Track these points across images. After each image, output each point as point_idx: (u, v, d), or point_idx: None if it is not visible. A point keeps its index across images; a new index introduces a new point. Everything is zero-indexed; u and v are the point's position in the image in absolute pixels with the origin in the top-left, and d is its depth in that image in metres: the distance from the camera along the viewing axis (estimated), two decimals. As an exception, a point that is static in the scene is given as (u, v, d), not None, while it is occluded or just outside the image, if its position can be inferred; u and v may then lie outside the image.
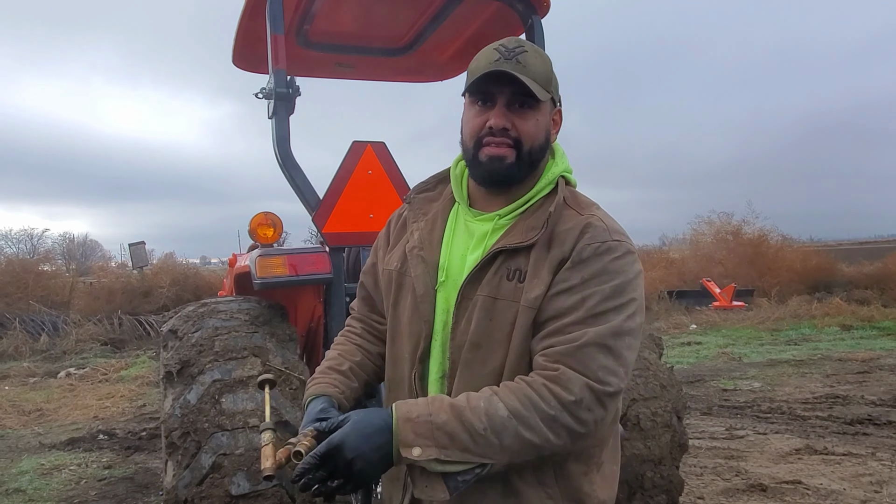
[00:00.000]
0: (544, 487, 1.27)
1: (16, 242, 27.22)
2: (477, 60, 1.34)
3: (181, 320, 2.70)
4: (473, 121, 1.34)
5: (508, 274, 1.29)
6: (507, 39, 1.35)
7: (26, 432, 6.37)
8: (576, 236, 1.28)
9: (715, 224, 17.99)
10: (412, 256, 1.40)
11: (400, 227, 1.52)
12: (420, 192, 1.52)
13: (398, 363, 1.43)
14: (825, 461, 4.68)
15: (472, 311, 1.30)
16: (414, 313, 1.38)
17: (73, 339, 11.57)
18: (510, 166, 1.32)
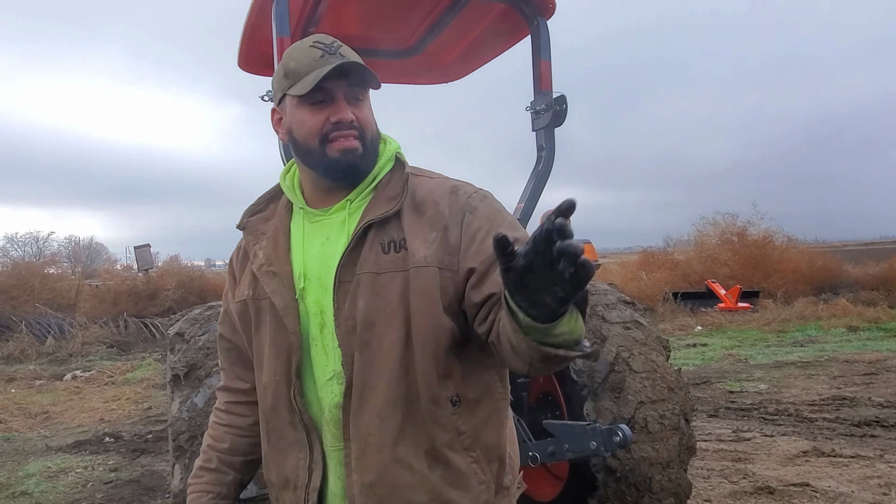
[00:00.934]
0: (469, 452, 1.30)
1: (22, 245, 27.32)
2: (295, 59, 1.33)
3: (188, 323, 2.70)
4: (312, 119, 1.32)
5: (384, 247, 1.29)
6: (318, 36, 1.35)
7: (33, 435, 6.39)
8: (447, 196, 1.33)
9: (720, 225, 17.94)
10: (262, 274, 1.37)
11: (242, 258, 1.47)
12: (252, 215, 1.48)
13: (268, 391, 1.37)
14: (833, 463, 4.66)
15: (357, 291, 1.28)
16: (278, 330, 1.34)
17: (79, 341, 11.62)
18: (362, 156, 1.33)
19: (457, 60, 4.03)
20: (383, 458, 1.26)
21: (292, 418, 1.34)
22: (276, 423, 1.37)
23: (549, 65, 3.13)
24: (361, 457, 1.27)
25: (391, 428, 1.26)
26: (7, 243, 26.16)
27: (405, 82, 4.30)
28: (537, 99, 3.17)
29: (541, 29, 3.12)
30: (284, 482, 1.36)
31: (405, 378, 1.26)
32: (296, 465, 1.34)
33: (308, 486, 1.32)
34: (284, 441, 1.36)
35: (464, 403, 1.30)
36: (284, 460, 1.36)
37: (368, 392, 1.26)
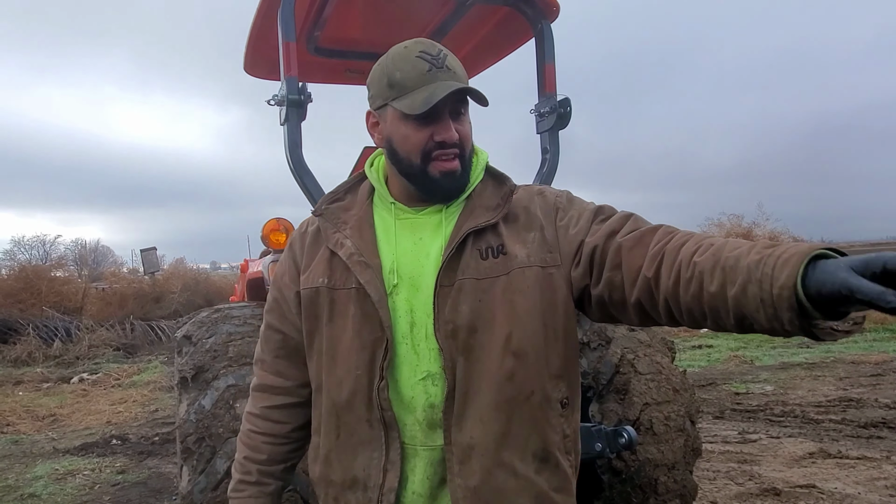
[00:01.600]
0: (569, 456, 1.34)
1: (28, 249, 27.43)
2: (400, 70, 1.28)
3: (195, 326, 2.72)
4: (416, 135, 1.29)
5: (482, 253, 1.29)
6: (421, 42, 1.31)
7: (40, 437, 6.43)
8: (535, 200, 1.37)
9: (725, 226, 17.90)
10: (353, 263, 1.31)
11: (310, 244, 1.42)
12: (331, 203, 1.44)
13: (344, 385, 1.32)
14: (839, 465, 4.64)
15: (458, 297, 1.27)
16: (365, 323, 1.30)
17: (86, 344, 11.67)
18: (460, 176, 1.33)
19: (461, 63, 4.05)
20: (487, 462, 1.25)
21: (369, 415, 1.30)
22: (348, 419, 1.32)
23: (553, 67, 3.14)
24: (466, 461, 1.26)
25: (494, 432, 1.25)
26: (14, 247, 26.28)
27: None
28: (541, 101, 3.18)
29: (544, 32, 3.13)
30: (352, 481, 1.32)
31: (510, 381, 1.26)
32: (367, 465, 1.30)
33: (382, 486, 1.28)
34: (356, 438, 1.32)
35: (570, 406, 1.32)
36: (354, 459, 1.32)
37: (472, 396, 1.26)
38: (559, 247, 1.30)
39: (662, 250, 1.15)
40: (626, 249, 1.20)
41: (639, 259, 1.18)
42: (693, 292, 1.07)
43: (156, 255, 18.59)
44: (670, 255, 1.13)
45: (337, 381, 1.33)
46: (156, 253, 18.60)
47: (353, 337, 1.30)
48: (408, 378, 1.30)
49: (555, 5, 3.11)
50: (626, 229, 1.24)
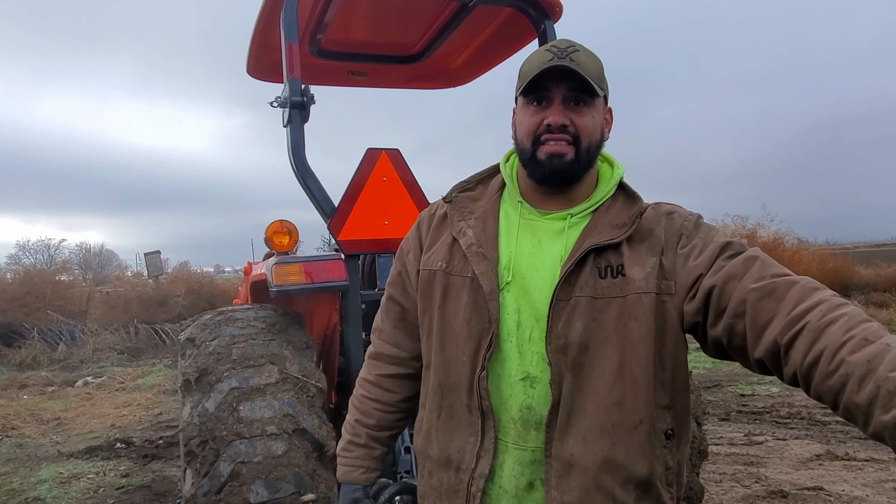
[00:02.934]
0: (671, 489, 1.30)
1: (33, 253, 27.60)
2: (529, 62, 1.34)
3: (198, 328, 2.70)
4: (529, 120, 1.33)
5: (601, 272, 1.28)
6: (559, 40, 1.35)
7: (45, 441, 6.43)
8: (662, 221, 1.32)
9: (729, 228, 17.84)
10: (471, 253, 1.36)
11: (436, 226, 1.48)
12: (462, 192, 1.49)
13: (451, 367, 1.37)
14: (847, 467, 4.61)
15: (573, 313, 1.27)
16: (475, 313, 1.34)
17: (91, 348, 11.68)
18: (571, 163, 1.31)
19: (463, 65, 4.04)
20: (586, 482, 1.25)
21: (469, 402, 1.34)
22: (450, 400, 1.37)
23: (557, 68, 3.13)
24: (565, 476, 1.27)
25: (596, 454, 1.25)
26: (19, 251, 26.44)
27: (412, 87, 4.32)
28: (545, 102, 3.17)
29: (548, 32, 3.12)
30: (447, 460, 1.37)
31: (619, 407, 1.25)
32: (462, 448, 1.35)
33: (474, 471, 1.32)
34: (455, 420, 1.36)
35: (675, 437, 1.29)
36: (451, 439, 1.37)
37: (577, 414, 1.26)
38: (675, 275, 1.27)
39: (804, 322, 1.07)
40: (753, 301, 1.15)
41: (767, 314, 1.12)
42: (832, 387, 1.01)
43: (160, 259, 18.61)
44: (812, 332, 1.05)
45: (444, 364, 1.38)
46: (160, 256, 18.63)
47: (462, 324, 1.35)
48: (508, 375, 1.33)
49: (557, 5, 3.11)
50: (753, 275, 1.18)
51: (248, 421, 2.34)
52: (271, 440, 2.31)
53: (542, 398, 1.30)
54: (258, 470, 2.27)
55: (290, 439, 2.35)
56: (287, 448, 2.32)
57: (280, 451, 2.30)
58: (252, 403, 2.38)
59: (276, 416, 2.38)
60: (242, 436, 2.30)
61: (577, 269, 1.29)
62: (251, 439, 2.31)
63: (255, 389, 2.43)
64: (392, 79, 4.19)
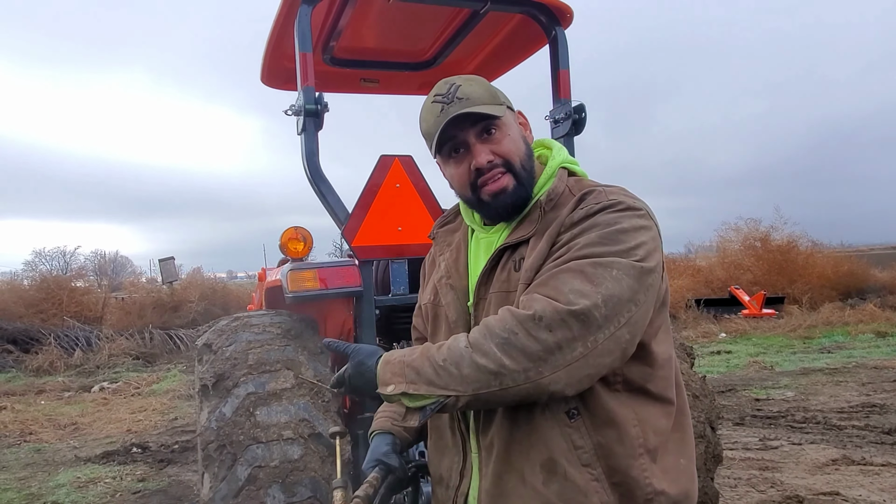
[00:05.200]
0: (589, 469, 1.23)
1: (49, 259, 27.89)
2: (425, 121, 1.37)
3: (215, 334, 2.74)
4: (457, 171, 1.37)
5: (515, 265, 1.32)
6: (439, 86, 1.37)
7: (62, 446, 6.50)
8: (571, 206, 1.30)
9: (742, 231, 17.73)
10: (441, 286, 1.46)
11: (430, 264, 1.59)
12: (442, 227, 1.58)
13: None
14: (863, 472, 4.57)
15: (489, 310, 1.32)
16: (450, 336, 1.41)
17: (106, 353, 11.79)
18: (515, 190, 1.34)
19: (475, 71, 4.06)
20: (500, 466, 1.30)
21: (452, 423, 1.41)
22: (437, 423, 1.46)
23: (568, 74, 3.14)
24: (486, 464, 1.33)
25: (505, 438, 1.29)
26: (36, 258, 26.71)
27: (424, 94, 4.34)
28: (556, 108, 3.19)
29: (558, 38, 3.13)
30: (439, 478, 1.46)
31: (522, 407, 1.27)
32: (450, 467, 1.42)
33: (458, 489, 1.39)
34: (443, 441, 1.45)
35: (584, 417, 1.25)
36: (442, 459, 1.45)
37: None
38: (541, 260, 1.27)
39: None
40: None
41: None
42: None
43: (174, 265, 18.76)
44: None
45: None
46: (174, 262, 18.77)
47: None
48: None
49: (569, 12, 3.12)
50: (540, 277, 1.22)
51: (265, 425, 2.37)
52: (287, 444, 2.33)
53: None
54: (275, 474, 2.29)
55: (306, 444, 2.37)
56: (303, 452, 2.35)
57: (296, 455, 2.33)
58: (268, 408, 2.41)
59: (292, 421, 2.40)
60: (259, 440, 2.33)
61: (493, 268, 1.35)
62: (268, 443, 2.33)
63: (271, 394, 2.46)
64: (404, 85, 4.23)
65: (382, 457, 1.41)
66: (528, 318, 1.12)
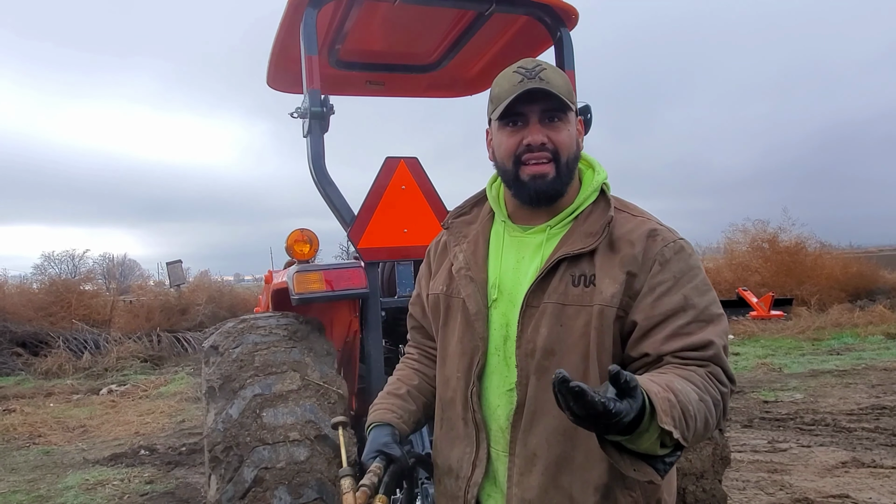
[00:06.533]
0: (630, 492, 1.30)
1: (58, 263, 28.07)
2: (499, 85, 1.38)
3: (222, 336, 2.74)
4: (508, 141, 1.38)
5: (574, 280, 1.33)
6: (525, 61, 1.38)
7: (71, 448, 6.53)
8: (644, 239, 1.33)
9: (750, 232, 17.65)
10: (460, 277, 1.44)
11: (440, 252, 1.58)
12: (457, 217, 1.57)
13: (449, 383, 1.46)
14: (873, 474, 4.54)
15: (541, 319, 1.33)
16: (466, 332, 1.42)
17: (114, 356, 11.83)
18: (553, 181, 1.36)
19: (480, 73, 4.07)
20: (545, 481, 1.31)
21: (465, 414, 1.42)
22: (450, 413, 1.47)
23: (573, 75, 3.14)
24: (525, 474, 1.33)
25: (557, 455, 1.30)
26: (45, 261, 26.90)
27: (429, 96, 4.35)
28: (562, 109, 3.18)
29: (564, 39, 3.13)
30: (448, 469, 1.46)
31: None
32: (461, 457, 1.43)
33: (470, 479, 1.40)
34: (455, 432, 1.45)
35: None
36: (452, 449, 1.46)
37: (540, 416, 1.32)
38: (639, 300, 1.30)
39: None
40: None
41: None
42: None
43: (181, 268, 18.86)
44: None
45: (444, 380, 1.49)
46: (181, 266, 18.88)
47: (457, 342, 1.45)
48: (497, 387, 1.39)
49: (574, 13, 3.12)
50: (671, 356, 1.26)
51: (271, 427, 2.37)
52: (294, 446, 2.33)
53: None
54: (281, 476, 2.29)
55: (312, 445, 2.37)
56: (309, 454, 2.34)
57: (303, 457, 2.33)
58: (275, 410, 2.41)
59: (298, 423, 2.40)
60: (266, 442, 2.33)
61: (548, 276, 1.34)
62: (274, 445, 2.33)
63: (277, 396, 2.46)
64: (409, 88, 4.23)
65: (383, 447, 1.41)
66: (727, 393, 1.27)
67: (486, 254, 1.46)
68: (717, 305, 1.32)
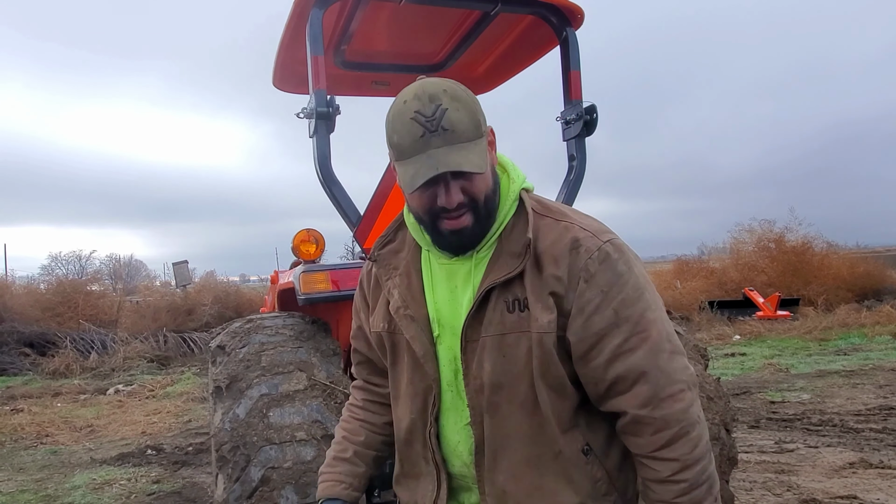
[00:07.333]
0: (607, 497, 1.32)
1: (65, 263, 28.23)
2: (398, 134, 1.21)
3: (228, 336, 2.76)
4: (420, 199, 1.26)
5: (508, 306, 1.26)
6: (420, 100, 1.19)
7: (78, 448, 6.56)
8: (567, 253, 1.26)
9: (756, 232, 17.58)
10: (399, 317, 1.36)
11: (373, 285, 1.47)
12: (383, 248, 1.45)
13: (404, 423, 1.41)
14: (881, 475, 4.51)
15: (483, 353, 1.28)
16: (415, 373, 1.37)
17: (121, 356, 11.88)
18: (473, 229, 1.27)
19: (486, 73, 4.07)
20: None
21: (425, 454, 1.39)
22: (409, 453, 1.43)
23: (579, 74, 3.14)
24: None
25: (527, 485, 1.29)
26: (52, 262, 27.05)
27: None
28: (567, 109, 3.18)
29: (569, 39, 3.12)
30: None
31: (538, 437, 1.28)
32: (425, 494, 1.40)
33: None
34: (417, 469, 1.43)
35: (595, 450, 1.31)
36: (417, 485, 1.43)
37: (501, 452, 1.29)
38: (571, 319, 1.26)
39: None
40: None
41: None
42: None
43: (187, 269, 18.92)
44: None
45: (398, 420, 1.44)
46: (187, 266, 18.94)
47: (408, 384, 1.39)
48: (454, 423, 1.36)
49: (579, 12, 3.11)
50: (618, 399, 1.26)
51: (278, 427, 2.38)
52: (300, 446, 2.34)
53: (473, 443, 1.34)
54: (288, 475, 2.30)
55: (318, 445, 2.38)
56: (316, 453, 2.35)
57: (309, 456, 2.34)
58: (281, 409, 2.42)
59: (304, 422, 2.41)
60: (272, 441, 2.34)
61: (481, 307, 1.28)
62: (281, 445, 2.34)
63: (284, 396, 2.47)
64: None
65: None
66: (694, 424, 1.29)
67: (420, 286, 1.37)
68: (652, 308, 1.27)
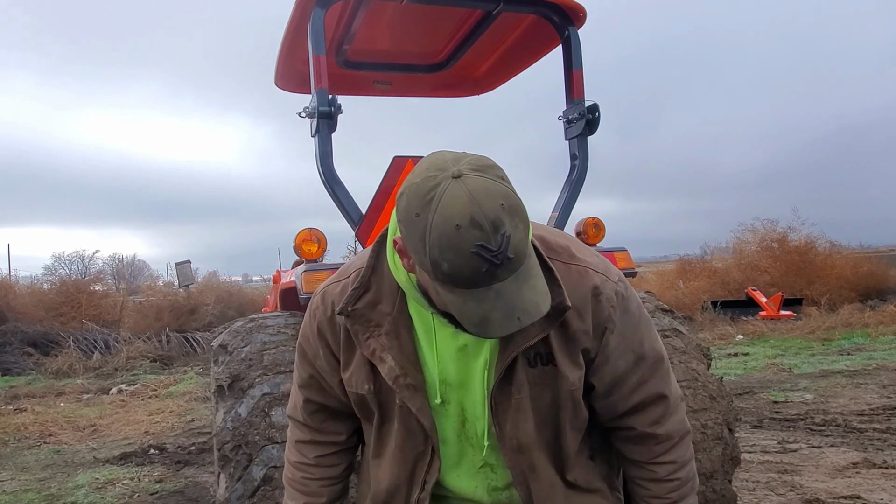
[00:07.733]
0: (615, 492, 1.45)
1: (69, 264, 28.26)
2: (453, 266, 0.98)
3: (230, 335, 2.76)
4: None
5: (529, 361, 1.24)
6: (479, 225, 0.95)
7: (81, 447, 6.57)
8: (588, 303, 1.23)
9: (759, 232, 17.54)
10: (399, 387, 1.23)
11: (344, 341, 1.29)
12: (356, 301, 1.24)
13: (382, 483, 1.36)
14: (885, 475, 4.50)
15: (517, 415, 1.27)
16: (409, 438, 1.31)
17: (124, 356, 11.89)
18: None
19: (488, 72, 4.07)
20: None
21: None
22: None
23: (581, 73, 3.13)
24: None
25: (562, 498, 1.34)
26: (55, 262, 27.11)
27: (437, 95, 4.35)
28: (570, 108, 3.18)
29: (572, 38, 3.12)
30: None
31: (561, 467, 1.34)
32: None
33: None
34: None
35: (596, 453, 1.43)
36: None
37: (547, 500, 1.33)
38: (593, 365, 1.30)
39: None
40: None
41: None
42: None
43: (190, 269, 18.95)
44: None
45: (377, 479, 1.38)
46: (190, 266, 18.97)
47: (396, 449, 1.33)
48: (467, 470, 1.35)
49: (582, 11, 3.11)
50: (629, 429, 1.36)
51: (280, 426, 2.38)
52: (302, 445, 2.34)
53: (503, 479, 1.35)
54: (290, 474, 2.30)
55: (320, 444, 2.38)
56: (318, 453, 2.35)
57: (311, 455, 2.33)
58: (283, 409, 2.42)
59: (306, 422, 2.41)
60: (274, 440, 2.34)
61: (509, 369, 1.24)
62: (282, 444, 2.34)
63: (286, 395, 2.46)
64: (417, 87, 4.24)
65: None
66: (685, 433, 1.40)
67: (413, 347, 1.24)
68: (654, 335, 1.35)
